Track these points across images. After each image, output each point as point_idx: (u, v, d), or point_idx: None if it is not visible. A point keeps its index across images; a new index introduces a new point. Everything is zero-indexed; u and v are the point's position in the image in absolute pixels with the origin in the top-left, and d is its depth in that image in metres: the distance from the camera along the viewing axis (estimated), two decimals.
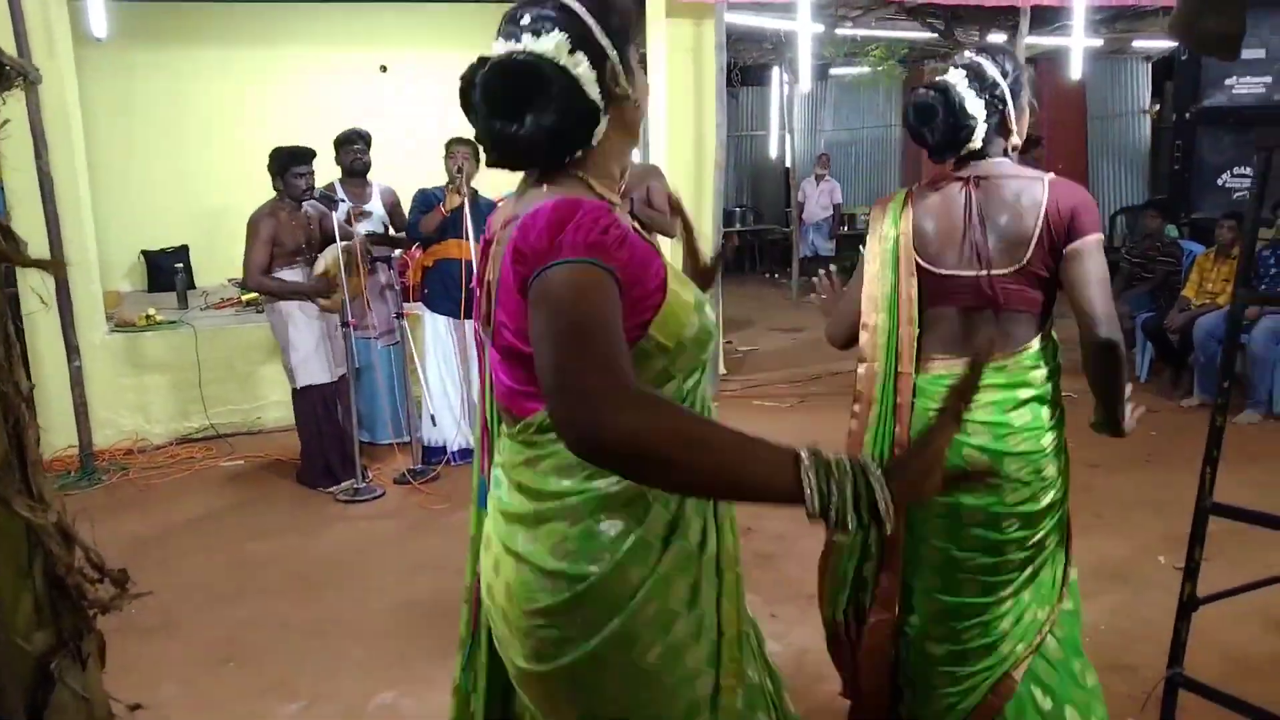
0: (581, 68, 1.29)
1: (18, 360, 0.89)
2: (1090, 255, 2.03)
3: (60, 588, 0.91)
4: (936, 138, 2.13)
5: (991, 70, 2.11)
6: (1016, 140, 2.18)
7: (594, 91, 1.30)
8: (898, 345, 2.18)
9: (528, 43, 1.30)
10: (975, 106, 2.09)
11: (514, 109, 1.29)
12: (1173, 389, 6.26)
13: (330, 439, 4.92)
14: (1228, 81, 6.92)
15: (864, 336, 2.22)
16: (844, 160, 12.91)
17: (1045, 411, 2.21)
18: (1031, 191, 2.09)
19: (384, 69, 8.13)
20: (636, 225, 1.53)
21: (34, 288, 4.81)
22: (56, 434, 5.45)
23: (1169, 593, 3.43)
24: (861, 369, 2.22)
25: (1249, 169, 6.91)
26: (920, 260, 2.17)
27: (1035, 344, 2.17)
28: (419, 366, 5.17)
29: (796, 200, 11.18)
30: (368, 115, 6.01)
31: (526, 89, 1.27)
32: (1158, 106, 11.59)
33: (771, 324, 9.29)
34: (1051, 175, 2.11)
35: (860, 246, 2.37)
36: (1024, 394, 2.17)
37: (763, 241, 13.36)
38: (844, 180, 12.08)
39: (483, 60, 1.35)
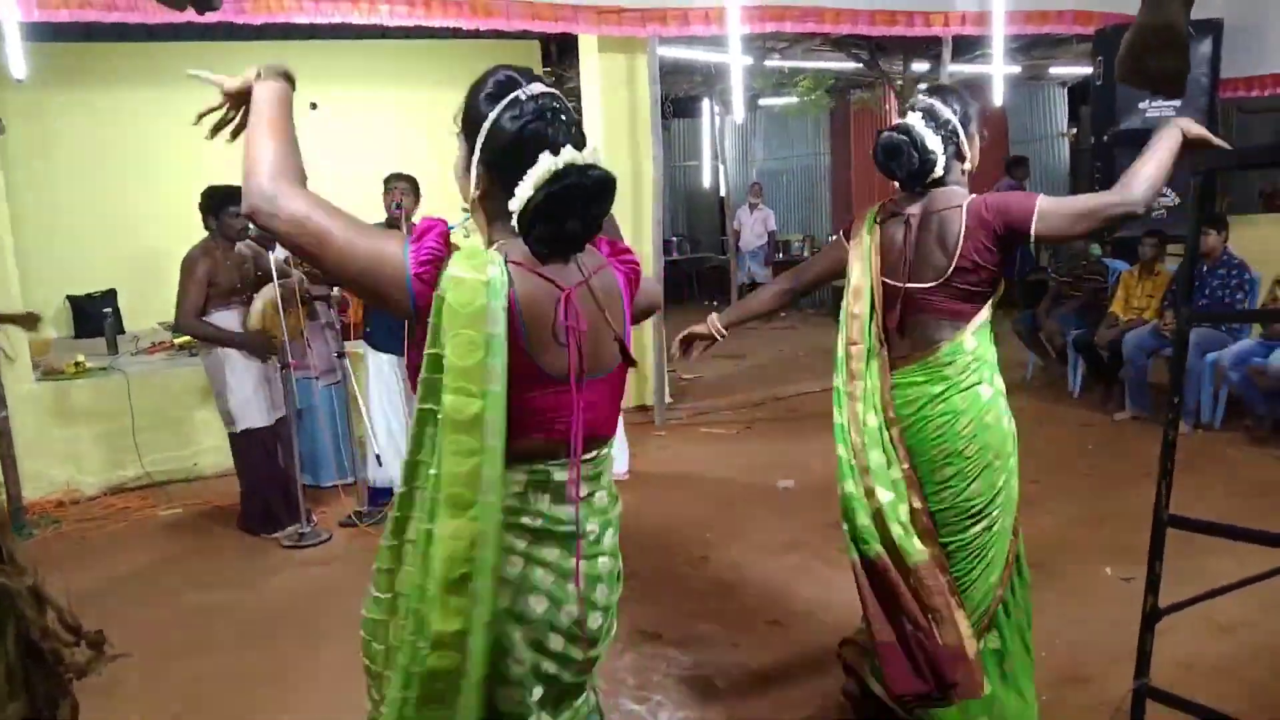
0: None
1: None
2: (1052, 210, 2.35)
3: (34, 654, 0.87)
4: (905, 171, 2.54)
5: (943, 110, 2.52)
6: (970, 166, 2.59)
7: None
8: (876, 330, 2.60)
9: None
10: (934, 142, 2.50)
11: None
12: (1105, 403, 6.43)
13: (272, 483, 4.80)
14: (1141, 105, 7.18)
15: (854, 324, 2.63)
16: (776, 188, 13.11)
17: (958, 400, 2.50)
18: (953, 221, 2.48)
19: (314, 106, 8.03)
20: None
21: None
22: None
23: (1118, 603, 3.52)
24: (854, 350, 2.62)
25: (1166, 189, 7.16)
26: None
27: (947, 345, 2.50)
28: (362, 406, 5.10)
29: (732, 228, 11.31)
30: (302, 150, 5.92)
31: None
32: (1074, 130, 12.00)
33: (714, 351, 9.33)
34: (971, 198, 2.48)
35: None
36: (938, 387, 2.51)
37: (701, 269, 13.46)
38: (777, 208, 12.26)
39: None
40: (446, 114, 1.67)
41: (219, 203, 4.65)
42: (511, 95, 1.56)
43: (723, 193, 12.21)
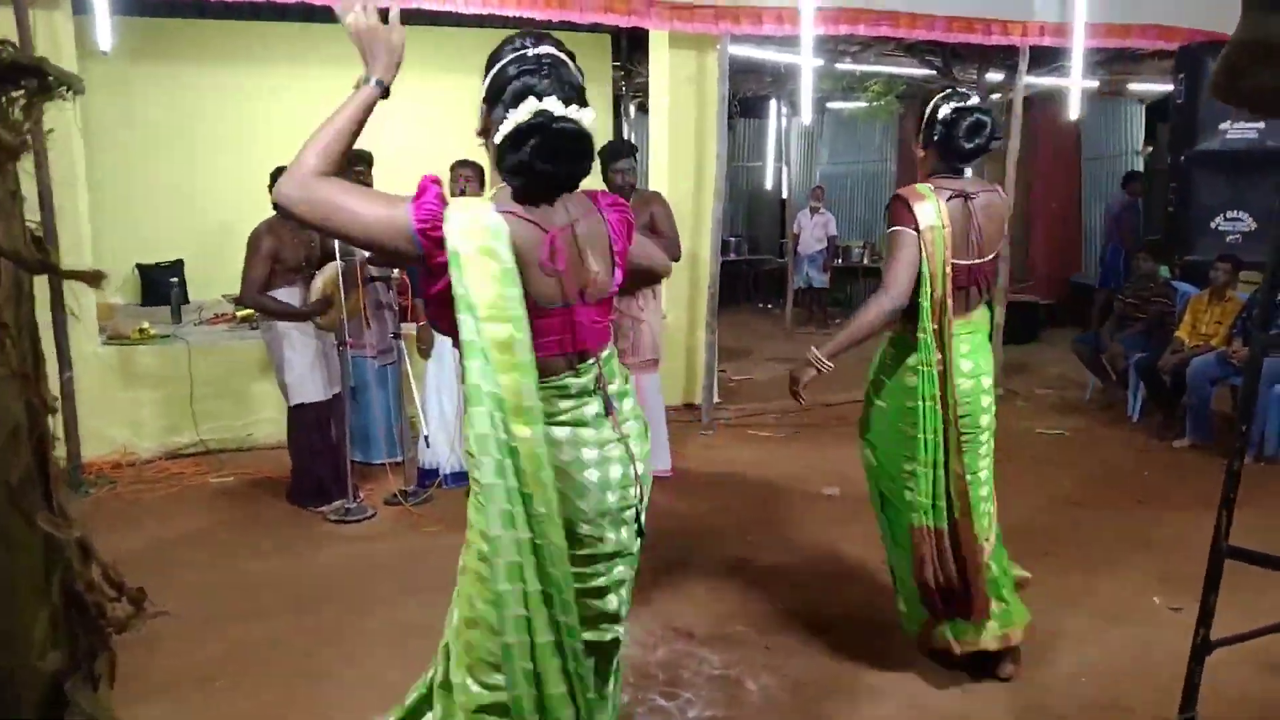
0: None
1: (44, 374, 0.88)
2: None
3: (78, 605, 0.89)
4: (975, 147, 2.89)
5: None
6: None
7: None
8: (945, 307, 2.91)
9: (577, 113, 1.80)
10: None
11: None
12: (1164, 430, 6.28)
13: (322, 458, 4.88)
14: (1222, 126, 6.99)
15: (936, 307, 2.90)
16: (839, 193, 12.97)
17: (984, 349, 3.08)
18: (997, 199, 2.99)
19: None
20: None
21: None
22: None
23: (1164, 633, 3.44)
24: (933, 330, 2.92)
25: (1242, 213, 6.97)
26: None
27: (982, 308, 3.07)
28: (413, 388, 5.16)
29: (792, 232, 11.22)
30: (368, 136, 6.00)
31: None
32: (1150, 149, 11.70)
33: (766, 354, 9.30)
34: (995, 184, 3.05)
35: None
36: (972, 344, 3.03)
37: (757, 271, 13.40)
38: (838, 213, 12.12)
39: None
40: None
41: None
42: (519, 51, 1.85)
43: (784, 195, 12.13)
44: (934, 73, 9.15)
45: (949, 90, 2.99)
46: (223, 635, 3.50)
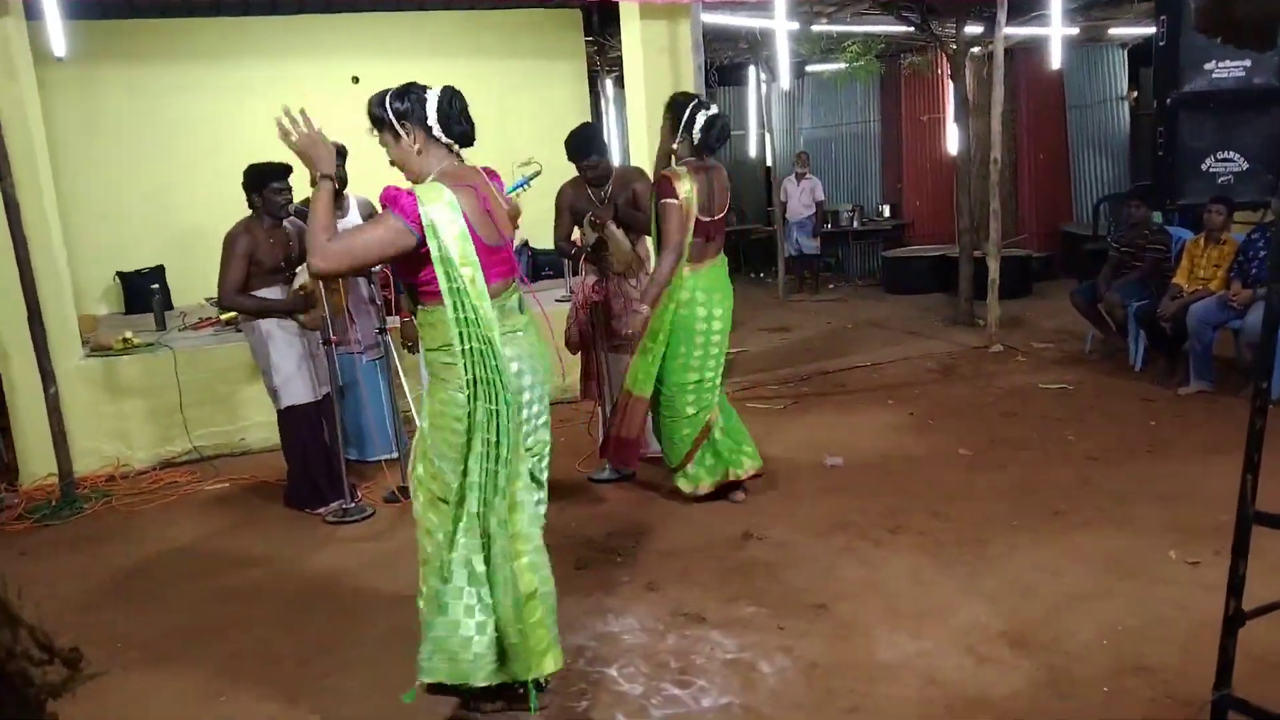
0: None
1: None
2: None
3: (1, 675, 0.80)
4: (718, 143, 4.25)
5: None
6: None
7: None
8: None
9: None
10: None
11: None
12: (1169, 377, 6.21)
13: (317, 459, 4.80)
14: (1207, 66, 6.86)
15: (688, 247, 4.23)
16: (824, 157, 12.80)
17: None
18: (724, 174, 4.39)
19: (356, 80, 8.00)
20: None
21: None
22: (36, 462, 5.33)
23: (1183, 590, 3.38)
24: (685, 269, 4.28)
25: (1232, 153, 6.87)
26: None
27: (720, 254, 4.47)
28: (403, 381, 5.07)
29: (779, 199, 11.10)
30: (341, 128, 5.89)
31: None
32: (1135, 93, 11.58)
33: (760, 324, 9.21)
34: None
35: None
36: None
37: (746, 241, 13.27)
38: (824, 177, 11.97)
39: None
40: (489, 84, 1.69)
41: (262, 179, 4.62)
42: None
43: (769, 162, 11.98)
44: (912, 29, 9.00)
45: (698, 101, 4.24)
46: (224, 648, 3.44)
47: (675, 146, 4.25)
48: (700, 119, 4.16)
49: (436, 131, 2.61)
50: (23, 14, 5.23)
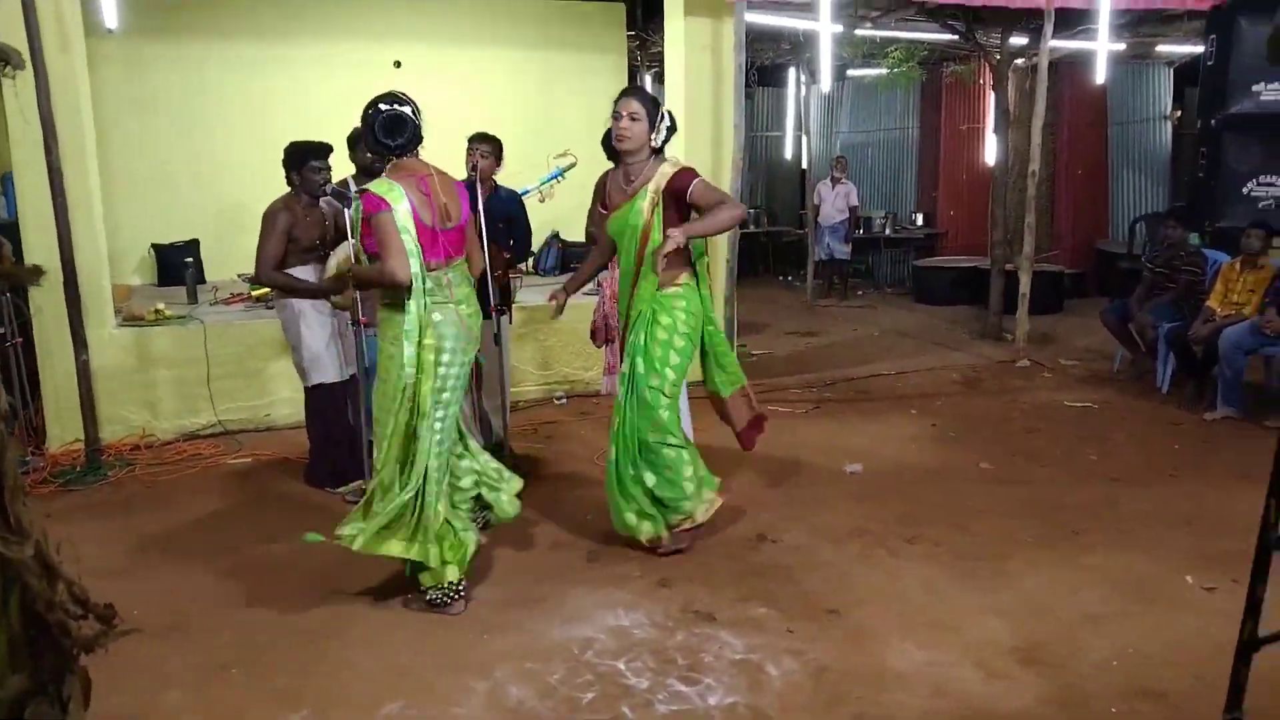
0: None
1: None
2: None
3: (40, 625, 0.82)
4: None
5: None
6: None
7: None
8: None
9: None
10: None
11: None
12: (1195, 401, 6.14)
13: (340, 438, 4.84)
14: (1255, 88, 6.78)
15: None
16: (859, 162, 12.74)
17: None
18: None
19: (398, 64, 8.06)
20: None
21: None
22: (63, 427, 5.41)
23: (1199, 615, 3.35)
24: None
25: (1276, 177, 6.78)
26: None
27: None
28: None
29: (812, 203, 11.06)
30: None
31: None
32: (1179, 112, 11.43)
33: (786, 328, 9.20)
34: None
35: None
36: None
37: (777, 244, 13.25)
38: (860, 182, 11.92)
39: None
40: (529, 74, 1.68)
41: (301, 158, 4.66)
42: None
43: (804, 165, 11.95)
44: (956, 38, 8.95)
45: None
46: (239, 620, 3.48)
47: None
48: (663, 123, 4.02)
49: (379, 148, 3.48)
50: None
